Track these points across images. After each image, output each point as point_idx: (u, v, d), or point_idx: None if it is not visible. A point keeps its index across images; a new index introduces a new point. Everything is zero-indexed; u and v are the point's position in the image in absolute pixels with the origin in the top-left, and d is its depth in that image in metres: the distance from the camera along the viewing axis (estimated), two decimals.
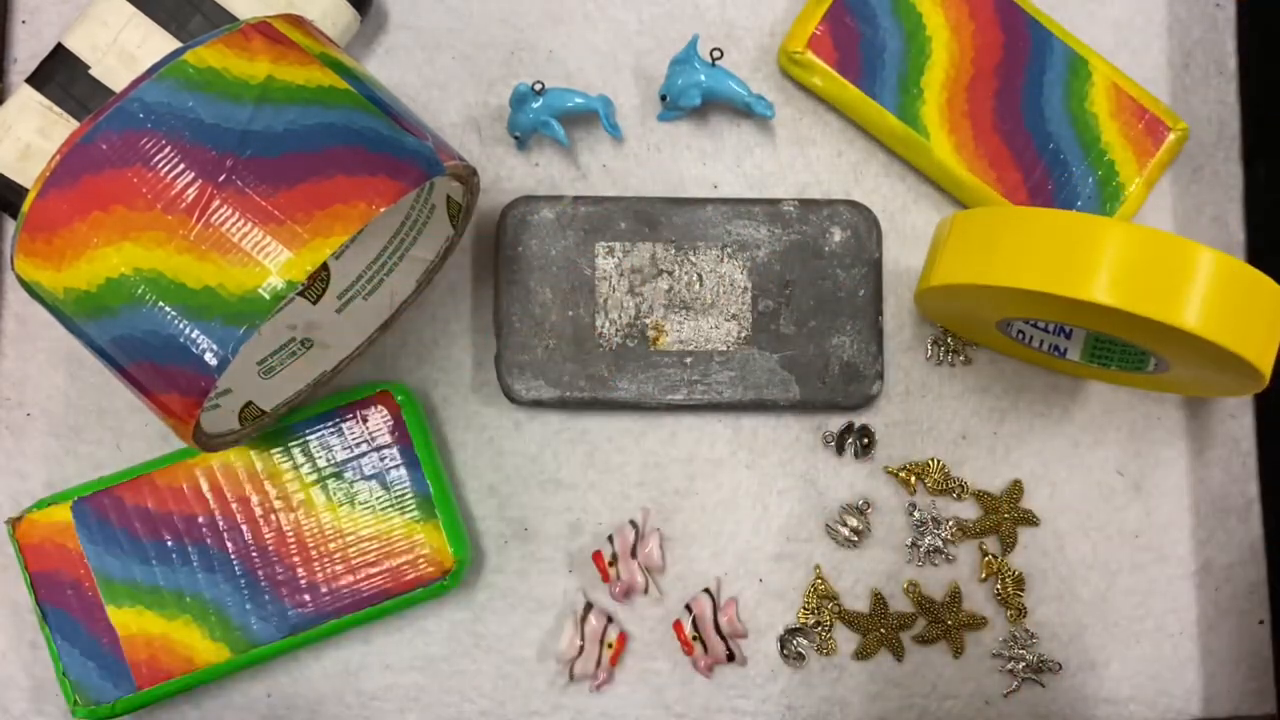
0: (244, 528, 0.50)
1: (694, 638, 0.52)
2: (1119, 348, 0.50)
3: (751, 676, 0.53)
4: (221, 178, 0.37)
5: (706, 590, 0.52)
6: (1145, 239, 0.41)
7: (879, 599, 0.53)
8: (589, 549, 0.53)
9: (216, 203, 0.37)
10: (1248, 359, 0.42)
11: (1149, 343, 0.45)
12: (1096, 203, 0.53)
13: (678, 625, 0.52)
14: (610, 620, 0.52)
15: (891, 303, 0.54)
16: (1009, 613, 0.53)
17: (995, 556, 0.53)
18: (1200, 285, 0.41)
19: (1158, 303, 0.41)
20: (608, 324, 0.52)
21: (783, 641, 0.53)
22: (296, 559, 0.50)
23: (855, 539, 0.53)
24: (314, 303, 0.50)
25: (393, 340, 0.54)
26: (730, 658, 0.52)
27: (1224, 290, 0.41)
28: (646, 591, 0.53)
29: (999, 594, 0.53)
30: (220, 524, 0.50)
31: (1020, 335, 0.51)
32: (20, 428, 0.53)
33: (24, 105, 0.50)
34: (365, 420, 0.50)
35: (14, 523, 0.49)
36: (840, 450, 0.53)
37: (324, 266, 0.49)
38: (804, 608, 0.53)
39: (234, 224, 0.37)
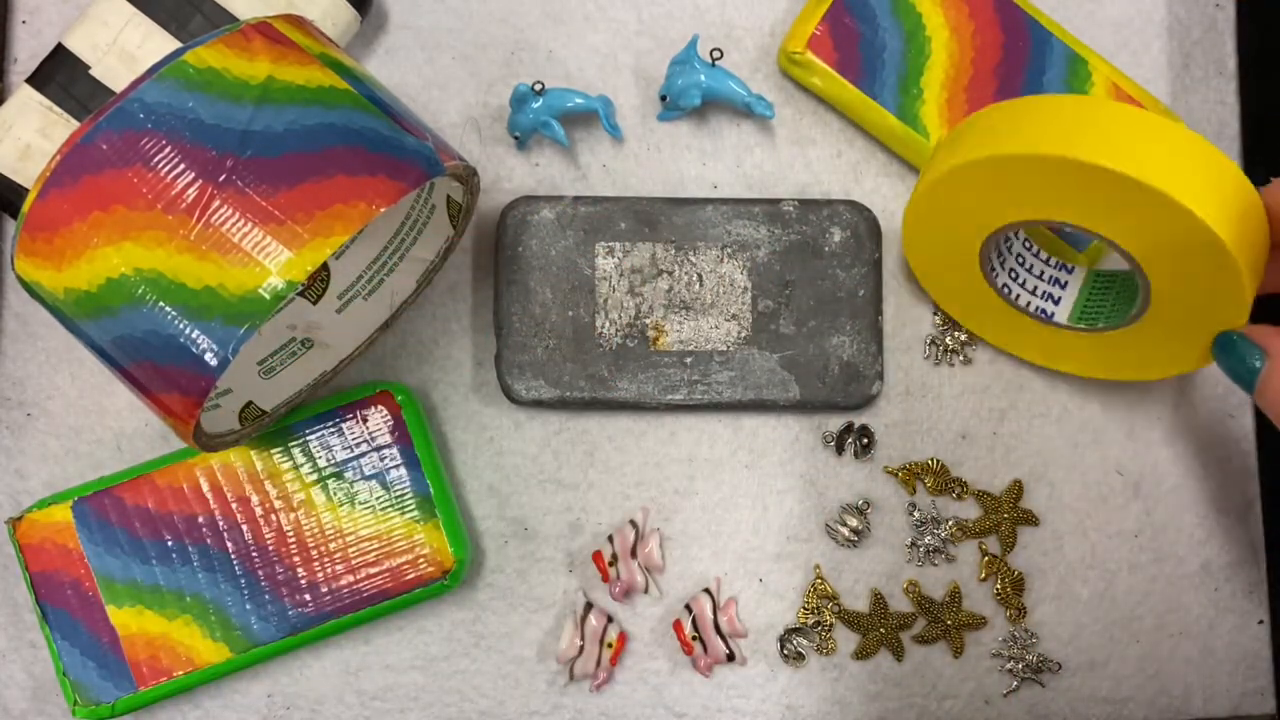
0: (244, 528, 0.50)
1: (694, 637, 0.52)
2: (1110, 298, 0.49)
3: (751, 676, 0.53)
4: (222, 178, 0.37)
5: (706, 590, 0.52)
6: (1146, 120, 0.42)
7: (879, 599, 0.53)
8: (589, 549, 0.53)
9: (217, 203, 0.37)
10: (1225, 243, 0.41)
11: (1135, 239, 0.44)
12: None
13: (678, 625, 0.52)
14: (610, 620, 0.52)
15: (891, 303, 0.54)
16: (1009, 612, 0.53)
17: (995, 556, 0.53)
18: (1197, 172, 0.41)
19: (1157, 173, 0.41)
20: (608, 324, 0.52)
21: (783, 641, 0.53)
22: (296, 559, 0.50)
23: (855, 539, 0.53)
24: (314, 303, 0.50)
25: (393, 340, 0.54)
26: (730, 657, 0.52)
27: (1214, 179, 0.41)
28: (646, 591, 0.53)
29: (999, 594, 0.53)
30: (220, 524, 0.50)
31: (1006, 290, 0.50)
32: (20, 428, 0.53)
33: (24, 105, 0.50)
34: (365, 420, 0.50)
35: (14, 523, 0.49)
36: (840, 450, 0.53)
37: (324, 266, 0.49)
38: (804, 608, 0.53)
39: (234, 224, 0.37)
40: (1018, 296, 0.51)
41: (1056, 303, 0.51)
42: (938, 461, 0.54)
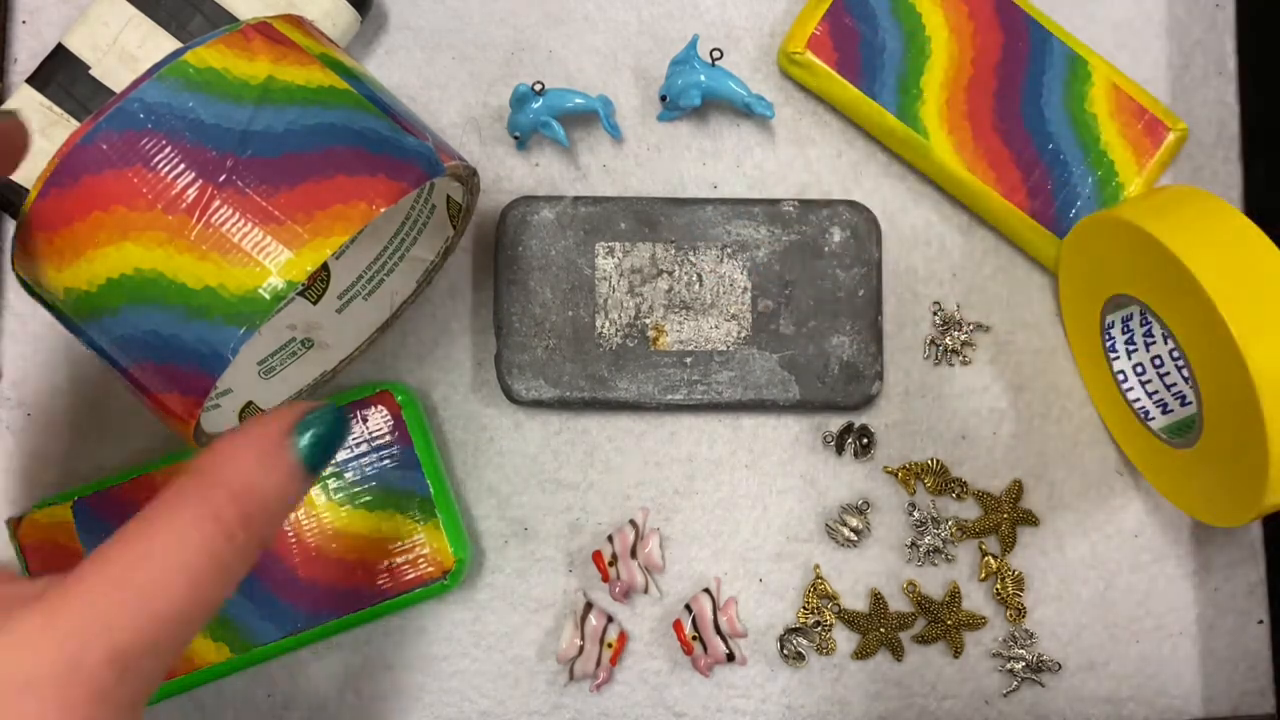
0: None
1: (694, 637, 0.52)
2: (1191, 422, 0.50)
3: (751, 676, 0.53)
4: (222, 178, 0.37)
5: (706, 590, 0.52)
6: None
7: (879, 599, 0.53)
8: (589, 549, 0.53)
9: (217, 203, 0.37)
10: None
11: (1198, 353, 0.45)
12: (1096, 203, 0.53)
13: (678, 625, 0.52)
14: (610, 620, 0.52)
15: (891, 303, 0.54)
16: (1008, 612, 0.53)
17: (995, 556, 0.53)
18: None
19: (1248, 321, 0.41)
20: (608, 324, 0.52)
21: (782, 641, 0.53)
22: (296, 559, 0.50)
23: (855, 539, 0.53)
24: (314, 303, 0.50)
25: (393, 340, 0.54)
26: (730, 657, 0.52)
27: None
28: (646, 591, 0.53)
29: (998, 594, 0.53)
30: None
31: (1121, 377, 0.51)
32: (20, 428, 0.53)
33: (24, 105, 0.50)
34: (365, 420, 0.50)
35: (14, 523, 0.49)
36: (840, 450, 0.53)
37: (324, 266, 0.49)
38: (804, 608, 0.53)
39: (234, 224, 0.37)
40: (1130, 389, 0.51)
41: (1165, 411, 0.51)
42: (938, 461, 0.54)
